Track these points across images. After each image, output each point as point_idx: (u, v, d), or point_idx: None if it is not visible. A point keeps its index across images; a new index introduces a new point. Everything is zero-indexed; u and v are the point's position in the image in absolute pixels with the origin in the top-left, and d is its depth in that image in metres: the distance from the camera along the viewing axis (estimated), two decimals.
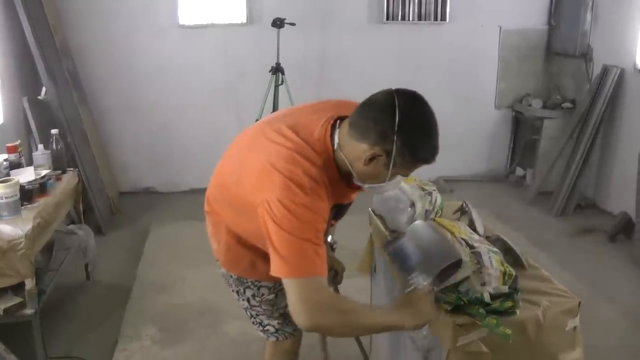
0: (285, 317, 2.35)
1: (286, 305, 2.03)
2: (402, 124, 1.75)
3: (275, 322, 2.39)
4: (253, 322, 2.45)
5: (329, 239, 2.56)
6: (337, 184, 1.92)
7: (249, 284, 2.28)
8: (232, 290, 2.38)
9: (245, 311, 2.43)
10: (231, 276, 2.30)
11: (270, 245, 1.77)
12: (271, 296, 2.30)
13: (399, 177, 1.93)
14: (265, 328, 2.41)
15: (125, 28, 5.97)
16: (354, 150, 1.84)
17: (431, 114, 1.85)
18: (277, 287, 2.26)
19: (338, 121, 1.93)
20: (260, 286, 2.27)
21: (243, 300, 2.35)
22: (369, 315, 1.89)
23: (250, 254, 2.18)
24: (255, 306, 2.34)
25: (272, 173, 1.81)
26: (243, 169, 2.01)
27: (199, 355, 3.49)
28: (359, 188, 2.02)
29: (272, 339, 2.44)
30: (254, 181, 1.90)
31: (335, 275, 2.68)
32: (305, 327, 1.77)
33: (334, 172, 1.90)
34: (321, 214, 1.81)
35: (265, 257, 1.91)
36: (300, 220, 1.74)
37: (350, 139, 1.85)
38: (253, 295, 2.30)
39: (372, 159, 1.81)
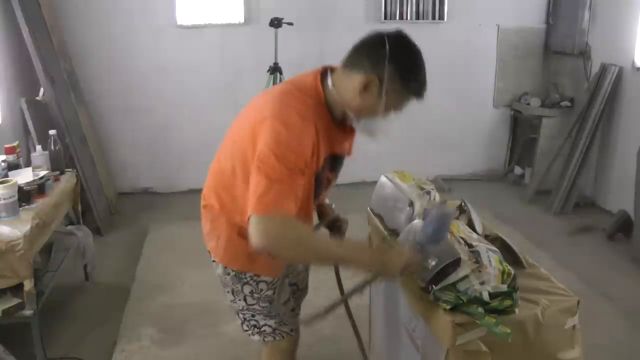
0: (282, 316, 2.37)
1: (284, 303, 2.31)
2: (393, 53, 1.93)
3: (272, 322, 2.36)
4: (247, 327, 2.41)
5: (327, 201, 2.57)
6: (330, 129, 2.04)
7: (248, 279, 2.24)
8: (228, 292, 2.33)
9: (239, 314, 2.39)
10: (229, 273, 2.26)
11: (253, 178, 1.86)
12: (269, 292, 2.27)
13: (391, 117, 2.06)
14: (262, 329, 2.38)
15: (123, 28, 5.97)
16: (349, 83, 1.98)
17: (418, 49, 2.02)
18: (275, 282, 2.27)
19: (328, 71, 2.08)
20: (259, 281, 2.25)
21: (239, 300, 2.30)
22: (325, 246, 1.97)
23: (250, 245, 2.10)
24: (252, 305, 2.30)
25: (264, 118, 1.93)
26: (236, 136, 2.12)
27: (198, 355, 3.49)
28: (352, 132, 2.15)
29: (269, 339, 2.41)
30: (247, 134, 1.99)
31: (340, 227, 2.63)
32: (258, 250, 1.82)
33: (326, 115, 2.03)
34: (308, 144, 1.91)
35: None
36: (289, 147, 1.86)
37: (344, 76, 2.01)
38: (251, 292, 2.26)
39: (366, 86, 1.95)
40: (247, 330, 2.42)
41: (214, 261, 2.36)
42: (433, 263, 1.95)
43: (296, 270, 2.54)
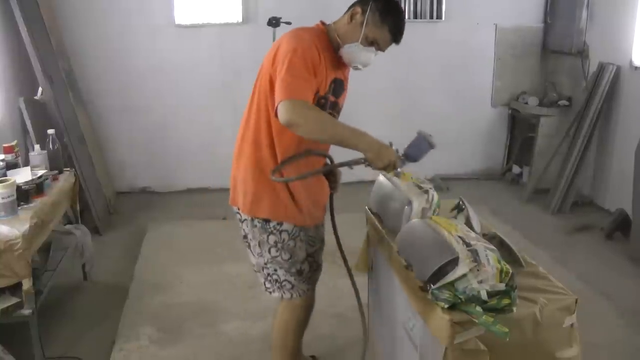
0: (300, 273, 2.68)
1: (302, 261, 2.66)
2: None
3: (292, 278, 2.67)
4: (269, 284, 2.72)
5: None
6: (332, 57, 2.52)
7: (272, 228, 2.57)
8: (255, 245, 2.66)
9: (263, 270, 2.70)
10: (255, 225, 2.59)
11: (276, 79, 2.33)
12: (291, 242, 2.60)
13: (369, 50, 2.51)
14: (283, 284, 2.68)
15: (121, 28, 5.97)
16: (342, 19, 2.57)
17: (402, 10, 2.60)
18: (295, 233, 2.60)
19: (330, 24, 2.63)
20: (282, 230, 2.58)
21: (265, 252, 2.63)
22: (337, 124, 2.37)
23: (273, 188, 2.53)
24: (275, 257, 2.62)
25: (279, 44, 2.45)
26: (258, 82, 2.59)
27: (197, 354, 3.49)
28: (344, 65, 2.60)
29: (287, 296, 2.71)
30: (268, 65, 2.47)
31: (335, 176, 2.84)
32: (285, 124, 2.26)
33: (328, 45, 2.53)
34: (316, 56, 2.38)
35: (286, 191, 2.52)
36: (303, 54, 2.33)
37: (341, 17, 2.59)
38: (275, 242, 2.59)
39: (352, 16, 2.50)
40: (268, 288, 2.74)
41: (243, 220, 2.67)
42: (400, 172, 2.48)
43: (309, 235, 2.74)
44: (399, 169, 2.43)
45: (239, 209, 2.68)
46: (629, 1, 5.38)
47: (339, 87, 2.58)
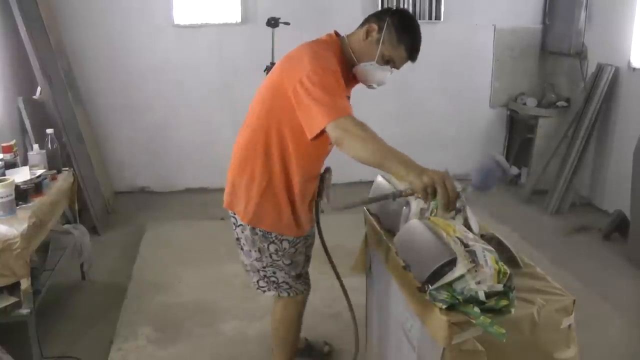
0: (299, 277, 2.79)
1: (303, 266, 2.79)
2: (395, 12, 2.48)
3: (290, 280, 2.75)
4: (264, 284, 2.76)
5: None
6: (346, 72, 2.45)
7: (273, 238, 2.62)
8: (254, 251, 2.67)
9: (260, 272, 2.74)
10: (257, 233, 2.61)
11: (305, 107, 2.20)
12: (292, 250, 2.66)
13: (385, 68, 2.48)
14: (280, 285, 2.75)
15: (120, 27, 5.98)
16: (357, 33, 2.51)
17: (418, 23, 2.51)
18: (295, 242, 2.66)
19: (345, 35, 2.58)
20: (283, 240, 2.63)
21: (266, 257, 2.67)
22: (382, 144, 2.10)
23: (278, 203, 2.56)
24: (276, 261, 2.67)
25: (298, 53, 2.40)
26: (268, 81, 2.53)
27: (195, 354, 3.49)
28: (356, 80, 2.58)
29: (285, 294, 2.78)
30: (278, 71, 2.45)
31: (324, 176, 2.76)
32: (336, 140, 2.14)
33: (342, 59, 2.46)
34: (338, 69, 2.32)
35: (289, 206, 2.55)
36: (329, 69, 2.26)
37: (355, 32, 2.54)
38: (276, 250, 2.64)
39: (368, 33, 2.45)
40: (263, 287, 2.78)
41: (239, 225, 2.68)
42: (460, 187, 2.08)
43: (307, 236, 2.80)
44: (461, 200, 2.10)
45: (234, 214, 2.69)
46: (627, 3, 5.39)
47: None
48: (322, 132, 2.17)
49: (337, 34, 2.58)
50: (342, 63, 2.44)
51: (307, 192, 2.63)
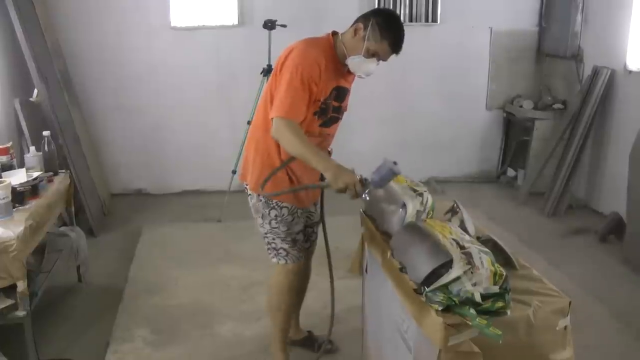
0: (295, 242, 3.03)
1: (298, 232, 3.04)
2: (377, 11, 2.90)
3: (287, 246, 3.01)
4: (269, 250, 3.06)
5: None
6: (336, 67, 2.84)
7: (274, 204, 2.93)
8: (258, 217, 3.01)
9: (264, 238, 3.05)
10: (260, 200, 2.95)
11: (280, 89, 2.68)
12: (289, 217, 2.96)
13: (372, 61, 2.79)
14: (279, 251, 3.03)
15: (117, 29, 5.97)
16: (349, 32, 2.85)
17: (401, 22, 2.86)
18: (294, 209, 2.97)
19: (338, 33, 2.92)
20: (282, 207, 2.94)
21: (266, 223, 2.98)
22: (306, 148, 2.61)
23: (279, 172, 2.87)
24: (275, 228, 2.97)
25: (290, 50, 2.80)
26: (269, 85, 2.88)
27: (192, 356, 3.49)
28: (350, 73, 2.90)
29: (282, 262, 3.05)
30: (278, 69, 2.81)
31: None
32: (272, 136, 2.71)
33: (334, 56, 2.84)
34: (317, 72, 2.70)
35: (287, 176, 2.90)
36: (304, 68, 2.67)
37: (347, 31, 2.87)
38: (276, 216, 2.95)
39: (356, 30, 2.78)
40: (269, 253, 3.09)
41: (249, 194, 3.03)
42: (367, 198, 2.51)
43: (310, 211, 3.18)
44: (364, 195, 2.51)
45: (246, 185, 3.05)
46: (623, 5, 5.40)
47: (341, 93, 2.92)
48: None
49: (334, 33, 2.93)
50: (334, 57, 2.84)
51: (302, 167, 2.90)
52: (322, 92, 2.78)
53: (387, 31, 2.76)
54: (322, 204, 3.11)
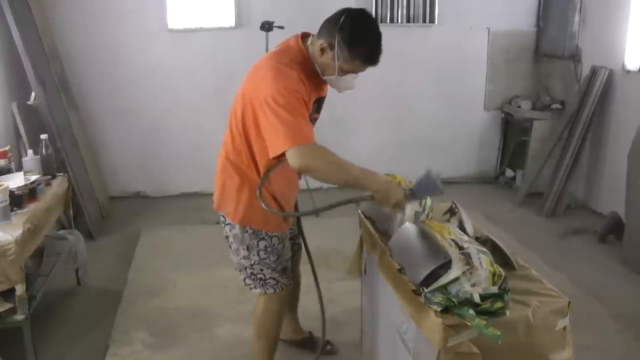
0: (284, 270, 2.86)
1: (288, 260, 2.88)
2: (344, 24, 2.42)
3: (276, 275, 2.82)
4: (251, 281, 2.85)
5: None
6: (314, 78, 2.54)
7: (264, 235, 2.72)
8: (243, 249, 2.76)
9: (247, 270, 2.82)
10: (247, 231, 2.71)
11: (269, 126, 2.34)
12: (280, 246, 2.78)
13: (349, 76, 2.51)
14: (267, 281, 2.83)
15: (114, 31, 5.97)
16: (315, 45, 2.51)
17: (373, 24, 2.52)
18: (284, 236, 2.80)
19: (309, 36, 2.62)
20: (272, 236, 2.73)
21: (254, 255, 2.75)
22: (351, 168, 2.35)
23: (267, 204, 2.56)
24: (264, 259, 2.76)
25: (265, 74, 2.44)
26: (240, 91, 2.64)
27: (191, 358, 3.49)
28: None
29: (271, 291, 2.85)
30: (249, 85, 2.54)
31: None
32: (300, 170, 2.35)
33: (310, 67, 2.54)
34: (303, 88, 2.42)
35: (277, 205, 2.68)
36: (292, 88, 2.36)
37: (314, 40, 2.55)
38: (265, 247, 2.74)
39: (322, 50, 2.47)
40: (250, 284, 2.87)
41: (228, 224, 2.77)
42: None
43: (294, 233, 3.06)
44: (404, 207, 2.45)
45: (223, 215, 2.80)
46: (621, 5, 5.40)
47: (320, 104, 2.74)
48: (284, 154, 2.32)
49: (304, 36, 2.63)
50: (309, 68, 2.54)
51: (283, 188, 2.75)
52: (308, 109, 2.52)
53: (355, 48, 2.42)
54: (297, 208, 3.06)
